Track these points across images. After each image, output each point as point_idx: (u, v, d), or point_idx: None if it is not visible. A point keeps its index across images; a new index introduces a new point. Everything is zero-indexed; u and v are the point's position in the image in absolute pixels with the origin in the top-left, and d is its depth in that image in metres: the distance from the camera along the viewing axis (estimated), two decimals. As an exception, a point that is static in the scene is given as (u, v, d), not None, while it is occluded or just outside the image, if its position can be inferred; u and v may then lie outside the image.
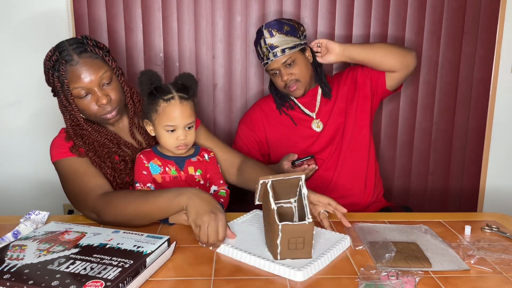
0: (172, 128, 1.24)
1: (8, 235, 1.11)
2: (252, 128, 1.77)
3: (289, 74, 1.64)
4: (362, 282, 0.91)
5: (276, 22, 1.65)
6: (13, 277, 0.87)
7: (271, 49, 1.62)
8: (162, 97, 1.23)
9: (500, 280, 0.95)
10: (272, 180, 1.04)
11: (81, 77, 1.24)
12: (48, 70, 1.27)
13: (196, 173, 1.32)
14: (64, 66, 1.23)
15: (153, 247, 0.98)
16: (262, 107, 1.79)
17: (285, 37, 1.62)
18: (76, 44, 1.26)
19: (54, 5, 1.94)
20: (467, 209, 2.16)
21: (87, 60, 1.25)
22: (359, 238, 1.14)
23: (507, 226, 1.24)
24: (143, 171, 1.27)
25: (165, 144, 1.28)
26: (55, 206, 2.10)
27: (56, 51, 1.26)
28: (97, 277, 0.86)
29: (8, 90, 2.02)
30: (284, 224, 0.97)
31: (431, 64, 2.04)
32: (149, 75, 1.24)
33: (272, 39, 1.62)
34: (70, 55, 1.24)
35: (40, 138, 2.05)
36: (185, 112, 1.24)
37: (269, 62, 1.64)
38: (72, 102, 1.28)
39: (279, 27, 1.63)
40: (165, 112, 1.23)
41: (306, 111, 1.73)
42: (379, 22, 1.99)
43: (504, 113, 2.11)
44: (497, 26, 2.01)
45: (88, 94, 1.27)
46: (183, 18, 1.95)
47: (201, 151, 1.36)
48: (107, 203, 1.18)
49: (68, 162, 1.28)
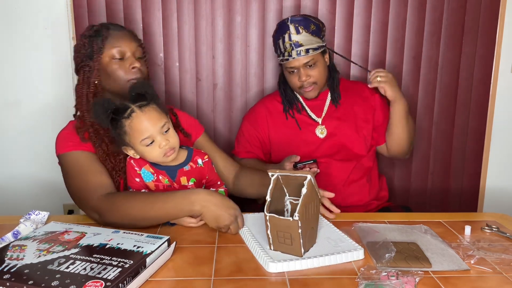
0: (149, 139, 1.19)
1: (8, 235, 1.11)
2: (256, 126, 1.75)
3: (308, 76, 1.61)
4: (362, 282, 0.91)
5: (303, 18, 1.59)
6: (13, 277, 0.87)
7: (295, 46, 1.56)
8: (123, 116, 1.18)
9: (500, 280, 0.95)
10: (279, 174, 1.08)
11: (122, 39, 1.34)
12: (88, 36, 1.34)
13: (189, 183, 1.28)
14: (107, 31, 1.34)
15: (153, 247, 0.98)
16: (267, 105, 1.76)
17: (310, 37, 1.57)
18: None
19: (54, 5, 1.94)
20: (467, 209, 2.16)
21: (128, 33, 1.39)
22: (359, 238, 1.14)
23: (507, 226, 1.24)
24: (135, 178, 1.25)
25: (152, 159, 1.23)
26: (55, 206, 2.10)
27: (97, 25, 1.38)
28: (97, 277, 0.86)
29: (8, 90, 2.02)
30: (271, 215, 1.02)
31: (431, 64, 2.04)
32: (100, 104, 1.19)
33: (298, 36, 1.56)
34: (115, 26, 1.39)
35: (40, 138, 2.06)
36: (152, 117, 1.19)
37: (290, 59, 1.59)
38: (101, 70, 1.32)
39: (306, 25, 1.58)
40: (133, 128, 1.18)
41: (313, 115, 1.71)
42: (379, 22, 1.99)
43: (504, 113, 2.11)
44: (497, 26, 2.01)
45: (122, 58, 1.33)
46: (183, 18, 1.95)
47: (193, 155, 1.31)
48: (111, 205, 1.16)
49: (74, 156, 1.26)
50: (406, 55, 2.02)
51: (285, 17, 1.95)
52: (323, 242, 1.10)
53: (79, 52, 1.35)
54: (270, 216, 1.02)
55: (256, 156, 1.76)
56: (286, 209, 1.12)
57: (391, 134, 1.69)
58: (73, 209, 2.11)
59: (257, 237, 1.12)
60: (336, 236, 1.13)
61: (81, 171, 1.24)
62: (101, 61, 1.32)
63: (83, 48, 1.35)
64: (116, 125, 1.20)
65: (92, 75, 1.33)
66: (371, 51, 2.01)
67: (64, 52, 1.98)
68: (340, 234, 1.14)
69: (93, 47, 1.32)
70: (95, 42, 1.33)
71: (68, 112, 2.03)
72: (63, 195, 2.12)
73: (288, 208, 1.12)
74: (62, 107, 2.03)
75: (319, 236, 1.13)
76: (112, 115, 1.19)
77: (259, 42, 1.99)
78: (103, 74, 1.33)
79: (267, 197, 1.06)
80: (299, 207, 1.00)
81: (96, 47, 1.32)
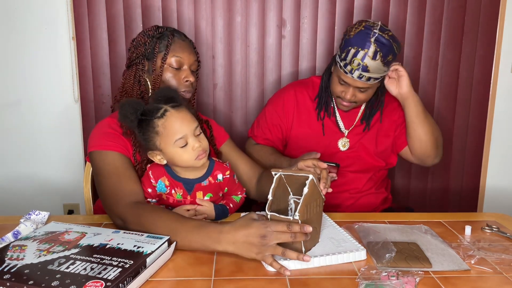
0: (183, 141, 1.13)
1: (8, 235, 1.11)
2: (281, 115, 1.63)
3: (353, 96, 1.49)
4: (363, 282, 0.91)
5: (389, 42, 1.40)
6: (13, 277, 0.87)
7: (362, 69, 1.41)
8: (155, 116, 1.13)
9: (500, 280, 0.95)
10: (282, 174, 1.08)
11: (184, 50, 1.36)
12: (152, 37, 1.36)
13: (205, 198, 1.23)
14: (172, 38, 1.36)
15: (153, 247, 0.98)
16: (297, 94, 1.63)
17: (382, 66, 1.42)
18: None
19: (54, 5, 1.94)
20: (467, 209, 2.16)
21: (190, 44, 1.40)
22: (359, 238, 1.14)
23: (507, 226, 1.24)
24: (148, 188, 1.21)
25: (182, 162, 1.16)
26: (55, 206, 2.10)
27: (163, 27, 1.40)
28: (97, 277, 0.86)
29: (8, 90, 2.02)
30: (272, 214, 1.01)
31: (431, 64, 2.04)
32: (129, 105, 1.14)
33: (372, 61, 1.39)
34: (180, 34, 1.40)
35: (40, 138, 2.06)
36: (186, 118, 1.15)
37: (348, 75, 1.44)
38: (154, 72, 1.34)
39: (386, 53, 1.40)
40: (166, 128, 1.13)
41: (341, 125, 1.61)
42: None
43: (504, 113, 2.12)
44: (497, 26, 2.01)
45: (179, 68, 1.35)
46: (183, 18, 1.95)
47: (214, 169, 1.23)
48: (137, 217, 1.11)
49: (112, 156, 1.22)
50: (406, 55, 2.02)
51: (285, 16, 1.96)
52: (326, 242, 1.09)
53: (137, 49, 1.36)
54: (272, 215, 1.02)
55: (274, 145, 1.68)
56: (290, 208, 1.11)
57: (411, 137, 1.55)
58: (73, 209, 2.11)
59: None
60: (340, 236, 1.13)
61: (116, 173, 1.20)
62: (157, 65, 1.34)
63: (143, 46, 1.35)
64: (146, 127, 1.14)
65: (144, 74, 1.35)
66: (371, 51, 2.01)
67: (64, 52, 1.98)
68: (344, 234, 1.13)
69: (154, 49, 1.34)
70: (157, 44, 1.34)
71: (68, 112, 2.04)
72: (63, 195, 2.13)
73: (292, 207, 1.11)
74: (62, 107, 2.03)
75: (322, 236, 1.12)
76: (141, 116, 1.14)
77: (259, 42, 1.99)
78: (155, 77, 1.34)
79: (269, 196, 1.05)
80: (300, 207, 1.00)
81: (157, 50, 1.34)
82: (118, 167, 1.21)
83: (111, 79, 1.98)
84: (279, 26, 1.98)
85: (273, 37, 1.99)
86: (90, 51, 1.96)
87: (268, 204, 1.04)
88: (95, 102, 2.00)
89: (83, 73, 1.98)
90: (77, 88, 2.00)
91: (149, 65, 1.34)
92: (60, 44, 1.97)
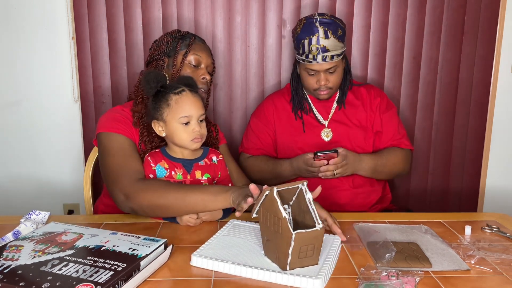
0: (187, 119, 1.24)
1: (8, 235, 1.11)
2: (266, 123, 1.72)
3: (327, 80, 1.58)
4: (362, 282, 0.91)
5: (332, 21, 1.55)
6: (5, 278, 0.86)
7: (322, 51, 1.53)
8: (173, 91, 1.25)
9: (500, 280, 0.95)
10: (277, 189, 0.96)
11: (203, 51, 1.50)
12: (174, 37, 1.49)
13: (203, 178, 1.30)
14: (193, 40, 1.50)
15: (148, 250, 0.98)
16: (275, 102, 1.74)
17: (337, 42, 1.54)
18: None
19: (54, 5, 1.94)
20: (467, 209, 2.16)
21: (208, 48, 1.54)
22: (359, 238, 1.14)
23: (507, 226, 1.24)
24: (149, 174, 1.27)
25: (180, 139, 1.26)
26: (55, 206, 2.10)
27: (185, 31, 1.55)
28: (88, 280, 0.85)
29: (8, 90, 2.02)
30: (298, 232, 0.91)
31: (431, 64, 2.04)
32: (155, 74, 1.27)
33: (326, 41, 1.53)
34: (200, 39, 1.54)
35: (40, 138, 2.06)
36: (198, 103, 1.26)
37: (314, 63, 1.55)
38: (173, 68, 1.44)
39: (334, 29, 1.54)
40: (178, 104, 1.24)
41: (319, 117, 1.69)
42: (379, 22, 1.99)
43: (504, 113, 2.11)
44: (497, 26, 2.01)
45: (197, 66, 1.48)
46: (183, 18, 1.95)
47: (209, 152, 1.35)
48: (144, 187, 1.19)
49: (118, 138, 1.31)
50: (406, 55, 2.02)
51: (285, 16, 1.96)
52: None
53: (159, 47, 1.48)
54: (298, 233, 0.91)
55: (267, 153, 1.73)
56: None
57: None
58: (73, 209, 2.11)
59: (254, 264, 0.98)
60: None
61: (122, 153, 1.28)
62: (178, 61, 1.45)
63: (165, 44, 1.48)
64: (161, 98, 1.25)
65: (163, 69, 1.45)
66: (371, 51, 2.01)
67: (64, 52, 1.98)
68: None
69: (176, 47, 1.47)
70: (179, 43, 1.47)
71: (68, 112, 2.04)
72: (63, 195, 2.13)
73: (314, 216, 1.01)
74: (62, 107, 2.03)
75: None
76: (160, 88, 1.25)
77: (259, 42, 1.99)
78: (175, 72, 1.45)
79: (284, 215, 0.93)
80: (316, 214, 0.96)
81: (179, 48, 1.47)
82: (125, 148, 1.30)
83: (111, 79, 1.98)
84: (279, 26, 1.98)
85: (273, 37, 1.99)
86: (90, 51, 1.96)
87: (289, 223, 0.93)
88: (95, 102, 2.00)
89: (83, 73, 1.98)
90: (77, 88, 2.00)
91: (170, 61, 1.46)
92: (60, 44, 1.97)
